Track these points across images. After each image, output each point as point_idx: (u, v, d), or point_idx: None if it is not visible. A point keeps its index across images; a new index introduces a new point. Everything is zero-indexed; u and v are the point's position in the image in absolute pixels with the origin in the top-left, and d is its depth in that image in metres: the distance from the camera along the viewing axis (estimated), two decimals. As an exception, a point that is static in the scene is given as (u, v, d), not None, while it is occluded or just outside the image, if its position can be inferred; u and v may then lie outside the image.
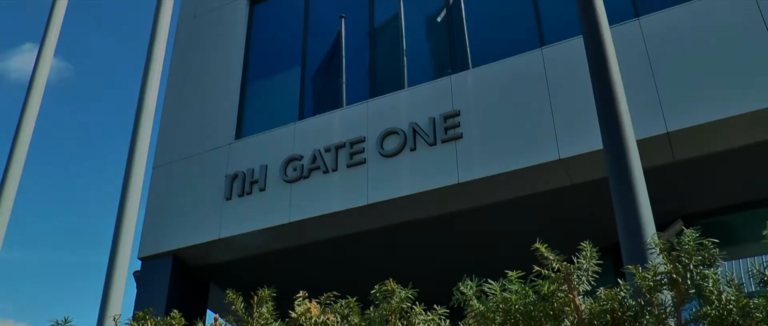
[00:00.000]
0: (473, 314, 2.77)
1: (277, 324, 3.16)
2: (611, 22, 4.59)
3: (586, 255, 2.76)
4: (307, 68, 10.54)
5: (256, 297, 3.22)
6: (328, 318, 3.07)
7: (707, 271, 2.54)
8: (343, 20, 10.52)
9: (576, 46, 7.88)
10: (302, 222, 8.78)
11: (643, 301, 2.62)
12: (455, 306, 2.83)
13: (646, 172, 3.90)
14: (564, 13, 8.57)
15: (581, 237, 3.06)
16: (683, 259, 2.59)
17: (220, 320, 3.66)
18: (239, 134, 10.12)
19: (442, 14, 9.74)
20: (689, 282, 2.55)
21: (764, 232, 2.57)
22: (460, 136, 8.21)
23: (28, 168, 6.27)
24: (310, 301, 3.16)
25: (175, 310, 3.43)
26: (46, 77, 6.83)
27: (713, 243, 2.60)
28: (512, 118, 8.06)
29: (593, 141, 7.14)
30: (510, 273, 2.79)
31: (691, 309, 2.58)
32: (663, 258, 2.66)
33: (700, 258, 2.58)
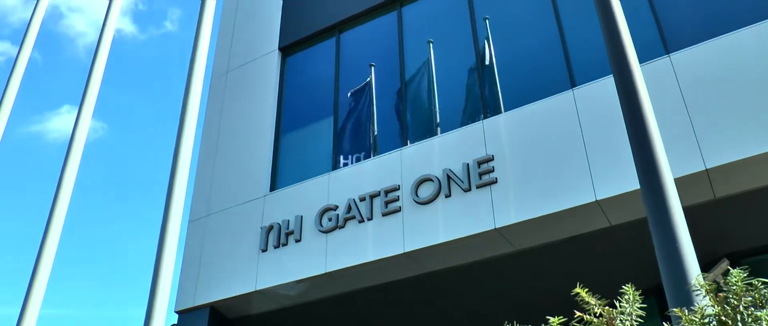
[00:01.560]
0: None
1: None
2: (641, 60, 4.55)
3: (629, 298, 2.68)
4: (339, 118, 10.61)
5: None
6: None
7: (759, 313, 2.44)
8: (373, 69, 10.62)
9: (607, 85, 7.85)
10: (338, 272, 8.74)
11: (691, 345, 2.53)
12: (496, 354, 2.76)
13: (687, 211, 3.81)
14: (593, 53, 8.54)
15: (623, 280, 2.99)
16: (732, 300, 2.49)
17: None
18: (274, 186, 10.18)
19: (472, 59, 9.77)
20: (740, 325, 2.45)
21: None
22: (495, 181, 8.15)
23: (66, 225, 6.35)
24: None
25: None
26: (84, 138, 6.96)
27: (763, 282, 2.50)
28: (546, 160, 7.99)
29: (630, 181, 7.06)
30: (551, 319, 2.72)
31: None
32: (710, 299, 2.56)
33: (749, 299, 2.48)
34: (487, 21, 9.90)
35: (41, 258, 6.04)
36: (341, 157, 10.11)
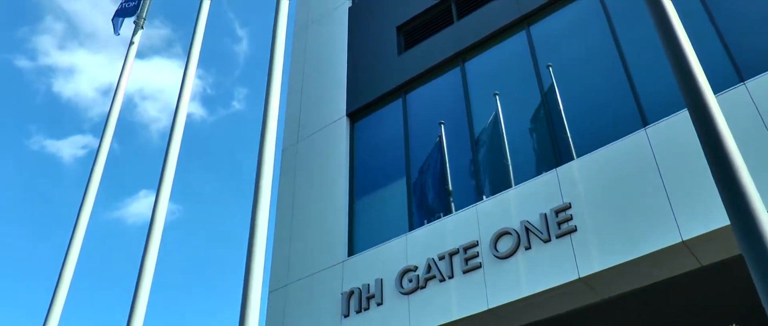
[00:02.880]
0: None
1: None
2: (715, 90, 4.40)
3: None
4: (412, 178, 10.61)
5: None
6: None
7: None
8: (442, 126, 10.63)
9: (681, 120, 7.63)
10: (422, 333, 8.60)
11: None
12: None
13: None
14: (663, 88, 8.35)
15: (718, 323, 2.82)
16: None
17: None
18: (351, 251, 10.19)
19: (540, 107, 9.67)
20: None
21: None
22: (575, 229, 7.94)
23: (149, 306, 6.48)
24: None
25: None
26: (163, 221, 7.14)
27: None
28: (626, 203, 7.76)
29: (718, 217, 6.77)
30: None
31: None
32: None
33: None
34: (550, 68, 9.83)
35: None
36: (417, 217, 10.06)
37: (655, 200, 7.49)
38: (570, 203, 8.17)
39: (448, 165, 10.18)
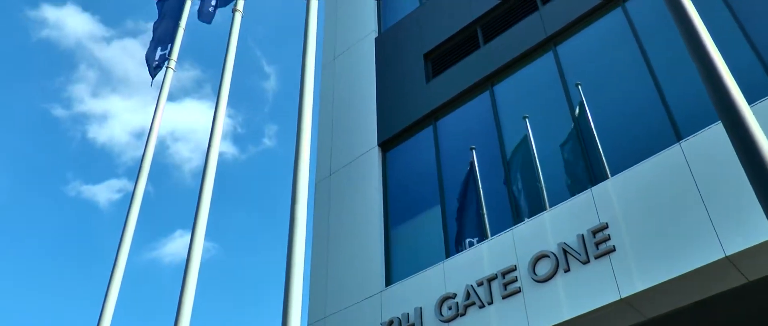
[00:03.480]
0: None
1: None
2: (749, 100, 4.32)
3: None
4: (446, 205, 10.56)
5: None
6: None
7: None
8: (474, 151, 10.59)
9: (716, 133, 7.49)
10: (464, 362, 8.50)
11: None
12: None
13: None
14: (695, 101, 8.24)
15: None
16: None
17: None
18: (389, 280, 10.14)
19: (571, 127, 9.60)
20: None
21: None
22: (613, 249, 7.82)
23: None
24: None
25: None
26: (199, 260, 7.20)
27: None
28: (664, 220, 7.62)
29: (761, 231, 6.62)
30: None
31: None
32: None
33: None
34: (579, 87, 9.77)
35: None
36: (453, 244, 10.00)
37: (695, 215, 7.35)
38: (607, 223, 8.05)
39: (481, 190, 10.13)
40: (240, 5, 11.15)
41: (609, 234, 7.95)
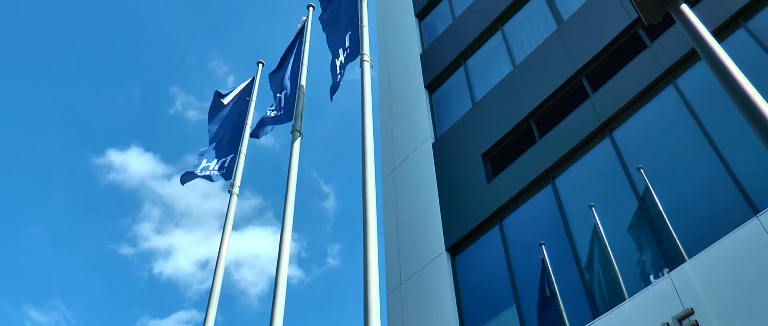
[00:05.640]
0: None
1: None
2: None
3: None
4: (521, 304, 10.31)
5: None
6: None
7: None
8: (543, 247, 10.40)
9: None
10: None
11: None
12: None
13: None
14: (767, 171, 7.98)
15: None
16: None
17: None
18: (472, 389, 9.84)
19: (639, 212, 9.36)
20: None
21: None
22: (703, 334, 7.45)
23: None
24: None
25: None
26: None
27: None
28: (753, 298, 7.24)
29: None
30: None
31: None
32: None
33: None
34: (641, 170, 9.59)
35: None
36: (533, 344, 9.70)
37: (784, 291, 6.99)
38: (692, 308, 7.69)
39: (556, 285, 9.87)
40: (298, 124, 11.54)
41: (696, 320, 7.57)
